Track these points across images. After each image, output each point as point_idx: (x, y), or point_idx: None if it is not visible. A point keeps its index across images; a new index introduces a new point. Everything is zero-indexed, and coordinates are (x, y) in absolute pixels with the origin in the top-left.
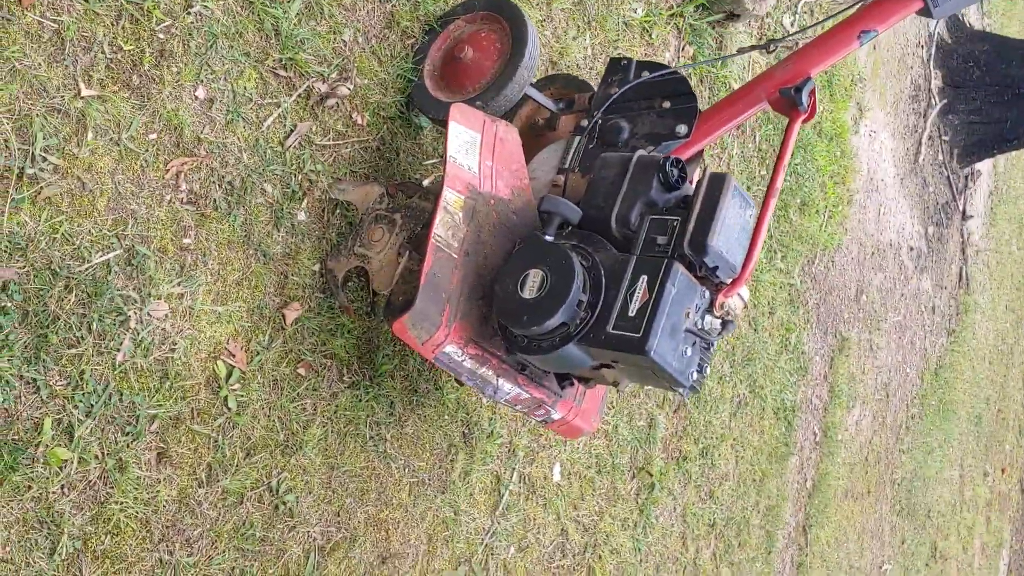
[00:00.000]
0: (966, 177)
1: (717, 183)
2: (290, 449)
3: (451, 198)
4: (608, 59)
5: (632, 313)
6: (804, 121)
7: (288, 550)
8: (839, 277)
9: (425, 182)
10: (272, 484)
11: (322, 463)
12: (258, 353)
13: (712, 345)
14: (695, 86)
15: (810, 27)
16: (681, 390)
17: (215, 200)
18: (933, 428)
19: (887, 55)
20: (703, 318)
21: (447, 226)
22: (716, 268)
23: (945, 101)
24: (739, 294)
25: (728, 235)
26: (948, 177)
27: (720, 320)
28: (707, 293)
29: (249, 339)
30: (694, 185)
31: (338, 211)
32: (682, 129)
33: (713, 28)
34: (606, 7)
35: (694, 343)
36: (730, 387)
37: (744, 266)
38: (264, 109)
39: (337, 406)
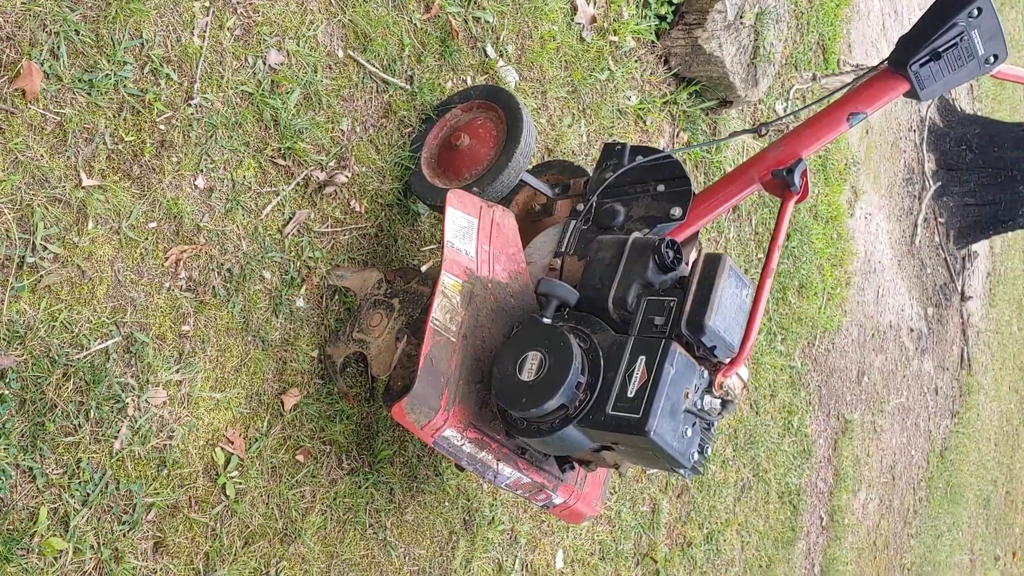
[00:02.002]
0: (963, 258)
1: (713, 263)
2: (289, 537)
3: (449, 282)
4: (602, 144)
5: (631, 394)
6: (797, 202)
7: None
8: (840, 359)
9: (423, 268)
10: (271, 573)
11: (321, 551)
12: (257, 440)
13: (713, 425)
14: (690, 171)
15: (800, 110)
16: (682, 471)
17: (214, 287)
18: (941, 511)
19: (880, 139)
20: (702, 398)
21: (445, 310)
22: (714, 348)
23: (939, 183)
24: (738, 374)
25: (725, 315)
26: (945, 258)
27: (720, 400)
28: (706, 373)
29: (247, 426)
30: (690, 266)
31: (336, 297)
32: (677, 212)
33: (707, 115)
34: (600, 95)
35: (694, 423)
36: (733, 471)
37: (742, 345)
38: (263, 197)
39: (336, 493)
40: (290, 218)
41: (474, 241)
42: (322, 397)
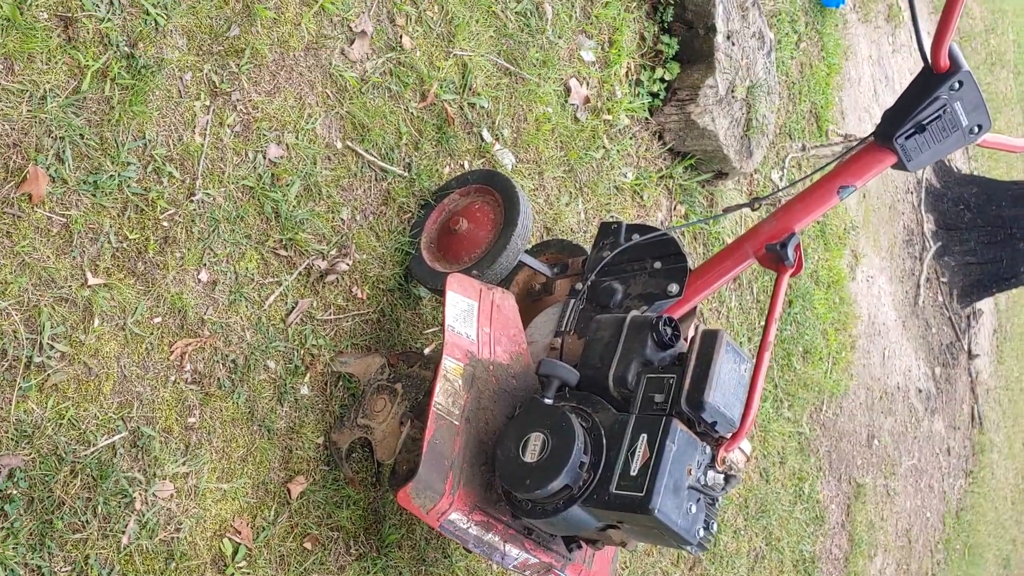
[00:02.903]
0: (968, 317)
1: (709, 340)
2: None
3: (450, 366)
4: (599, 223)
5: (634, 472)
6: (792, 275)
7: None
8: (849, 423)
9: (426, 351)
10: None
11: None
12: (264, 528)
13: (717, 501)
14: (689, 243)
15: (794, 183)
16: (689, 548)
17: (219, 379)
18: (960, 573)
19: (877, 202)
20: (705, 474)
21: (447, 394)
22: (715, 424)
23: (939, 244)
24: (740, 448)
25: (724, 390)
26: (950, 318)
27: (723, 475)
28: (708, 448)
29: (255, 515)
30: (689, 341)
31: (340, 383)
32: (674, 288)
33: (703, 187)
34: (596, 173)
35: (698, 500)
36: (746, 540)
37: (743, 420)
38: (266, 288)
39: None
40: (293, 307)
41: (475, 324)
42: (328, 483)
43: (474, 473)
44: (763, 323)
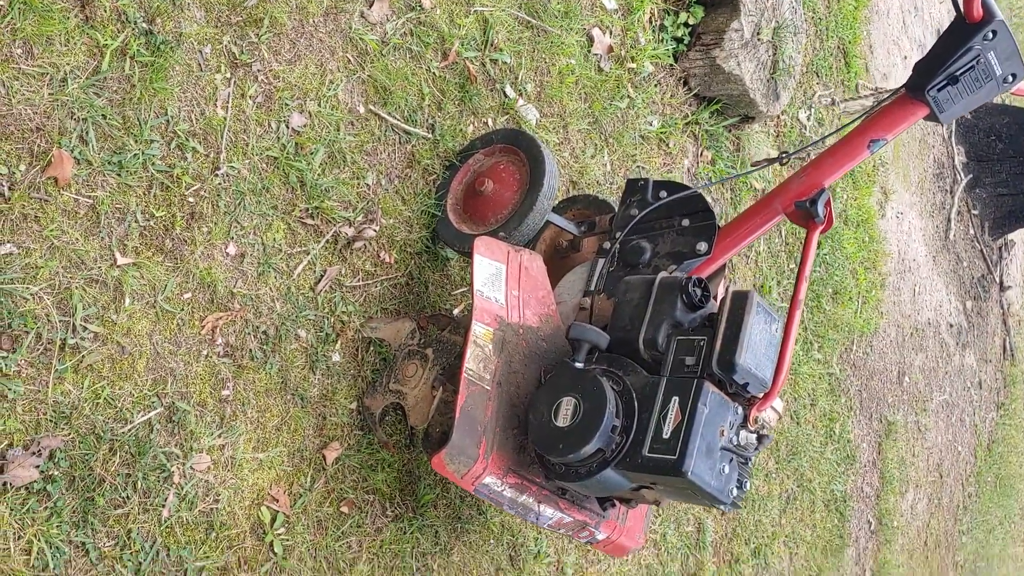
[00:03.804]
0: (1000, 248)
1: (740, 301)
2: None
3: (480, 331)
4: (626, 180)
5: (666, 435)
6: (822, 232)
7: None
8: (879, 361)
9: (455, 311)
10: None
11: None
12: (301, 496)
13: (750, 460)
14: (716, 190)
15: (824, 138)
16: (722, 507)
17: (251, 350)
18: (992, 505)
19: (907, 136)
20: (738, 434)
21: (478, 359)
22: (746, 385)
23: (970, 176)
24: (772, 407)
25: (755, 351)
26: (981, 250)
27: (755, 435)
28: (740, 409)
29: (291, 483)
30: (718, 302)
31: (371, 349)
32: (703, 247)
33: (729, 132)
34: (622, 123)
35: (731, 460)
36: (777, 483)
37: (775, 380)
38: (294, 258)
39: (382, 541)
40: (322, 275)
41: (503, 287)
42: (363, 448)
43: (507, 437)
44: (792, 266)
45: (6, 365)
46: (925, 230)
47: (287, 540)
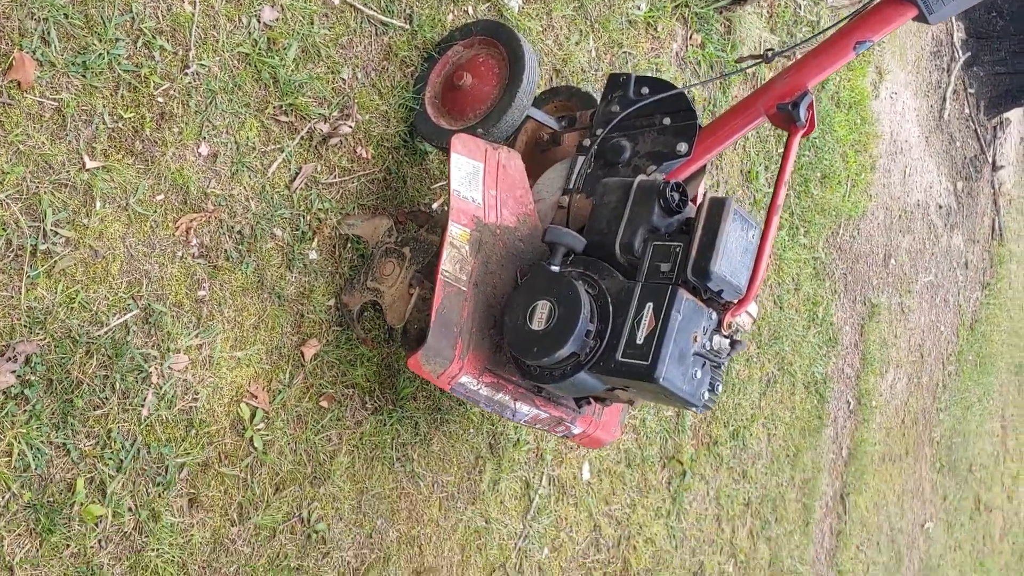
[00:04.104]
0: (994, 127)
1: (717, 208)
2: (319, 480)
3: (456, 232)
4: (608, 75)
5: (640, 341)
6: (804, 135)
7: None
8: (866, 244)
9: (434, 205)
10: (303, 515)
11: (351, 489)
12: (280, 392)
13: (723, 364)
14: (704, 72)
15: (806, 40)
16: (694, 409)
17: (226, 251)
18: (971, 383)
19: None
20: (711, 340)
21: (454, 261)
22: (721, 291)
23: (969, 53)
24: (747, 311)
25: (731, 259)
26: (976, 130)
27: (729, 340)
28: (714, 315)
29: (270, 379)
30: (698, 199)
31: (349, 246)
32: (683, 147)
33: (720, 13)
34: (608, 8)
35: (704, 364)
36: (758, 367)
37: (749, 287)
38: (268, 156)
39: (362, 433)
40: (297, 173)
41: (480, 187)
42: (341, 344)
43: (483, 337)
44: (780, 150)
45: None
46: (919, 110)
47: (267, 435)
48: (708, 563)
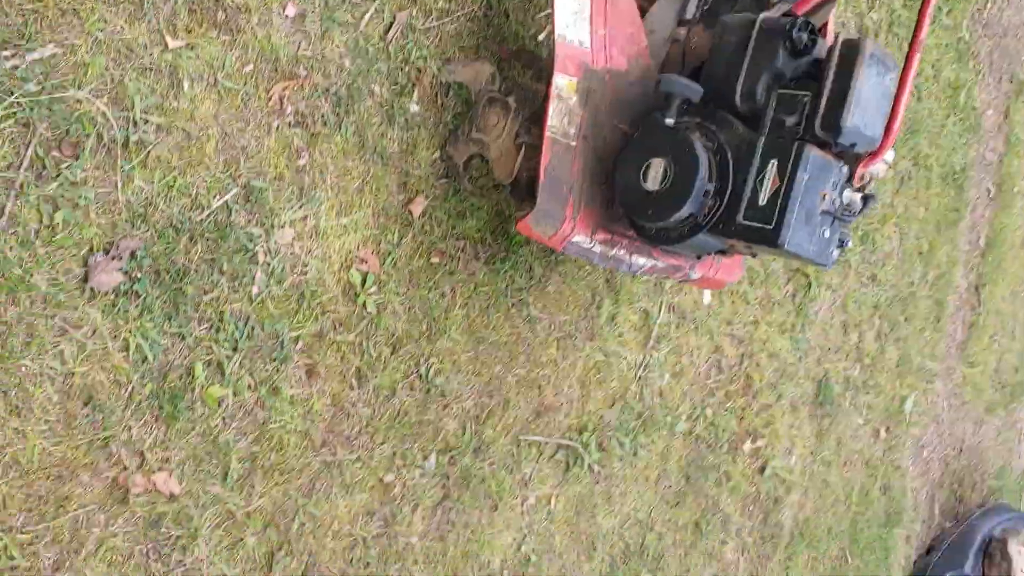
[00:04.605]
0: None
1: (850, 53)
2: (434, 335)
3: (562, 83)
4: None
5: (763, 202)
6: None
7: (444, 426)
8: (1016, 15)
9: (540, 37)
10: (421, 372)
11: (467, 340)
12: (389, 253)
13: (853, 218)
14: None
15: None
16: (822, 267)
17: (323, 115)
18: None
19: None
20: (841, 195)
21: (561, 114)
22: (853, 145)
23: None
24: (883, 159)
25: (865, 109)
26: None
27: (860, 195)
28: (844, 168)
29: (379, 242)
30: (828, 46)
31: (451, 93)
32: None
33: None
34: None
35: (832, 221)
36: (892, 165)
37: (886, 135)
38: (359, 8)
39: (476, 284)
40: (391, 22)
41: (587, 27)
42: (449, 197)
43: (595, 193)
44: None
45: (72, 173)
46: None
47: (379, 298)
48: (833, 370)
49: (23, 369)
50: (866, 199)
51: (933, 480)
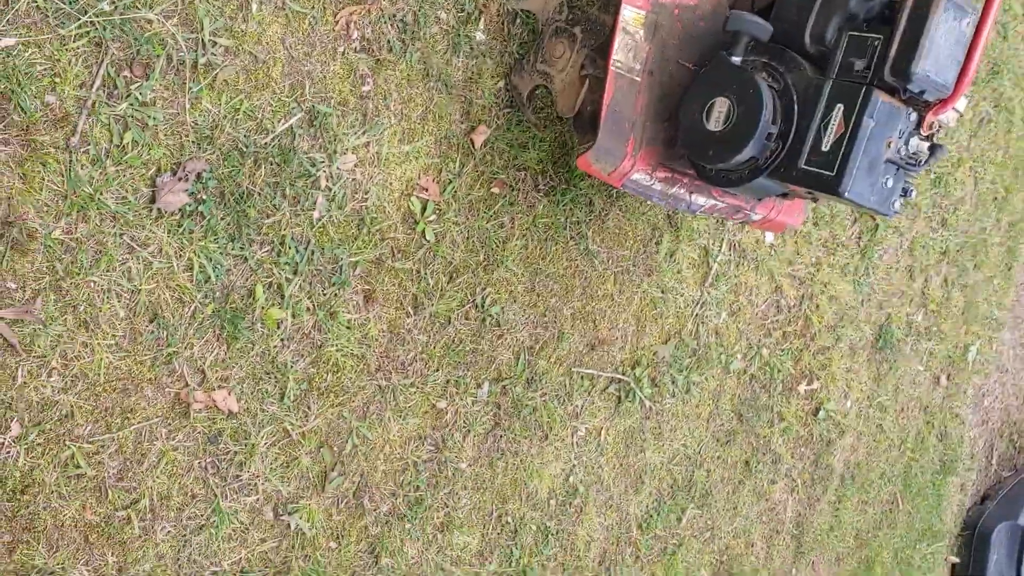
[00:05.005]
0: None
1: None
2: (492, 265)
3: (630, 16)
4: None
5: (826, 148)
6: None
7: (498, 356)
8: None
9: None
10: (477, 301)
11: (524, 272)
12: (450, 182)
13: (919, 168)
14: None
15: None
16: (884, 217)
17: (389, 41)
18: None
19: None
20: (907, 143)
21: (627, 49)
22: (923, 92)
23: None
24: (954, 107)
25: (938, 55)
26: None
27: (928, 144)
28: (913, 115)
29: (440, 170)
30: None
31: (518, 22)
32: None
33: None
34: None
35: (897, 170)
36: (970, 107)
37: (958, 83)
38: None
39: (535, 216)
40: None
41: None
42: (512, 127)
43: (657, 130)
44: None
45: (142, 93)
46: None
47: (438, 227)
48: (896, 315)
49: (92, 285)
50: (934, 148)
51: (993, 429)
